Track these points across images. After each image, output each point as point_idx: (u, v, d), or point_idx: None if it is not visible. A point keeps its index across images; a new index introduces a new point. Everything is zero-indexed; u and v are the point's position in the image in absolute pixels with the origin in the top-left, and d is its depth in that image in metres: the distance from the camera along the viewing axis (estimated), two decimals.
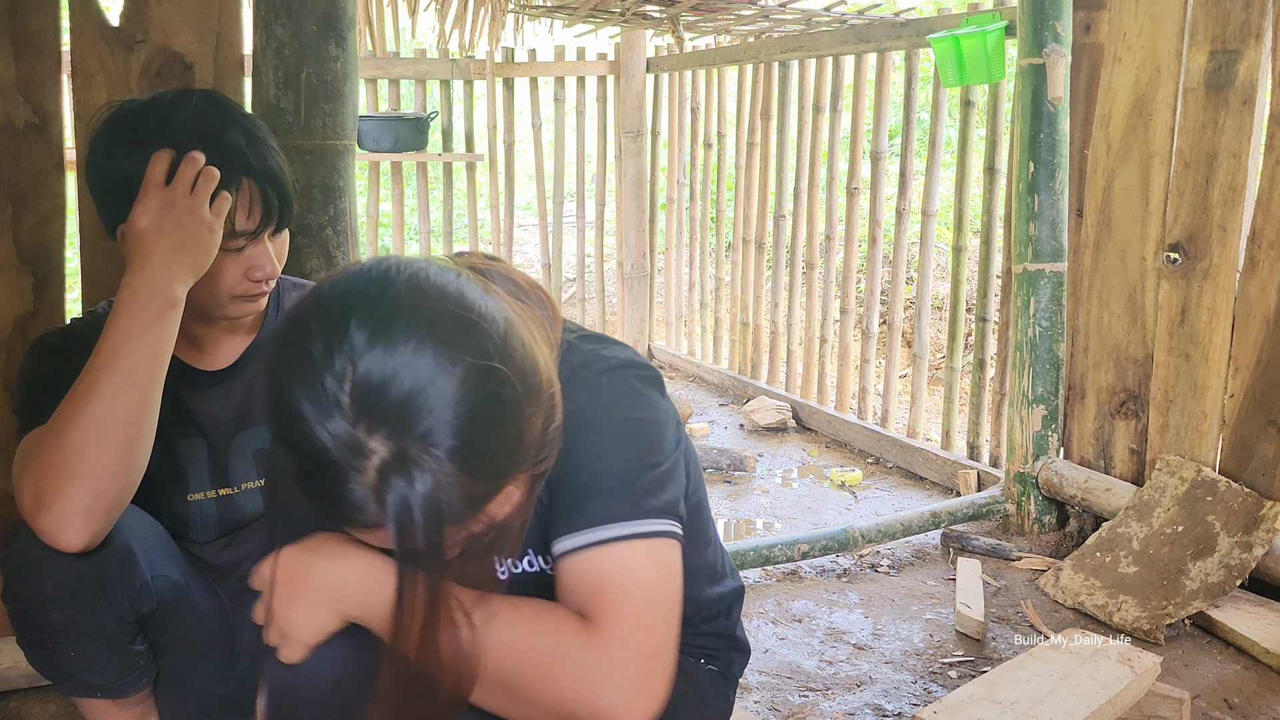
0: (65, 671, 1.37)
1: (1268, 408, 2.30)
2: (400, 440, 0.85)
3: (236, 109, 1.40)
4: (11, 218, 1.87)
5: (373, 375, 0.85)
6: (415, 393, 0.85)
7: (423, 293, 0.89)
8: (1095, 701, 1.75)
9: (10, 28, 1.83)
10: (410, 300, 0.88)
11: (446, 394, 0.86)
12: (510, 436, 0.90)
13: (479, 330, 0.89)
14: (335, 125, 2.02)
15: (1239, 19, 2.30)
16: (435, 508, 0.86)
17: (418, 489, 0.85)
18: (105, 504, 1.22)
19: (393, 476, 0.85)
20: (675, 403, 3.99)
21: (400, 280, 0.90)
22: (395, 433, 0.85)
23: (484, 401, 0.87)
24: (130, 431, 1.23)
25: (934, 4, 6.20)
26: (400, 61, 4.46)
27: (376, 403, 0.85)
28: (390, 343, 0.86)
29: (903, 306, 3.93)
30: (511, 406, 0.89)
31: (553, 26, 4.59)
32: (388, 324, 0.86)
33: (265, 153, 1.35)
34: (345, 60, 2.01)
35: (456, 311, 0.89)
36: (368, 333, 0.86)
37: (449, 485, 0.86)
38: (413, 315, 0.87)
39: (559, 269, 4.89)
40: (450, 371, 0.86)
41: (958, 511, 2.78)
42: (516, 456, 0.91)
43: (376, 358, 0.85)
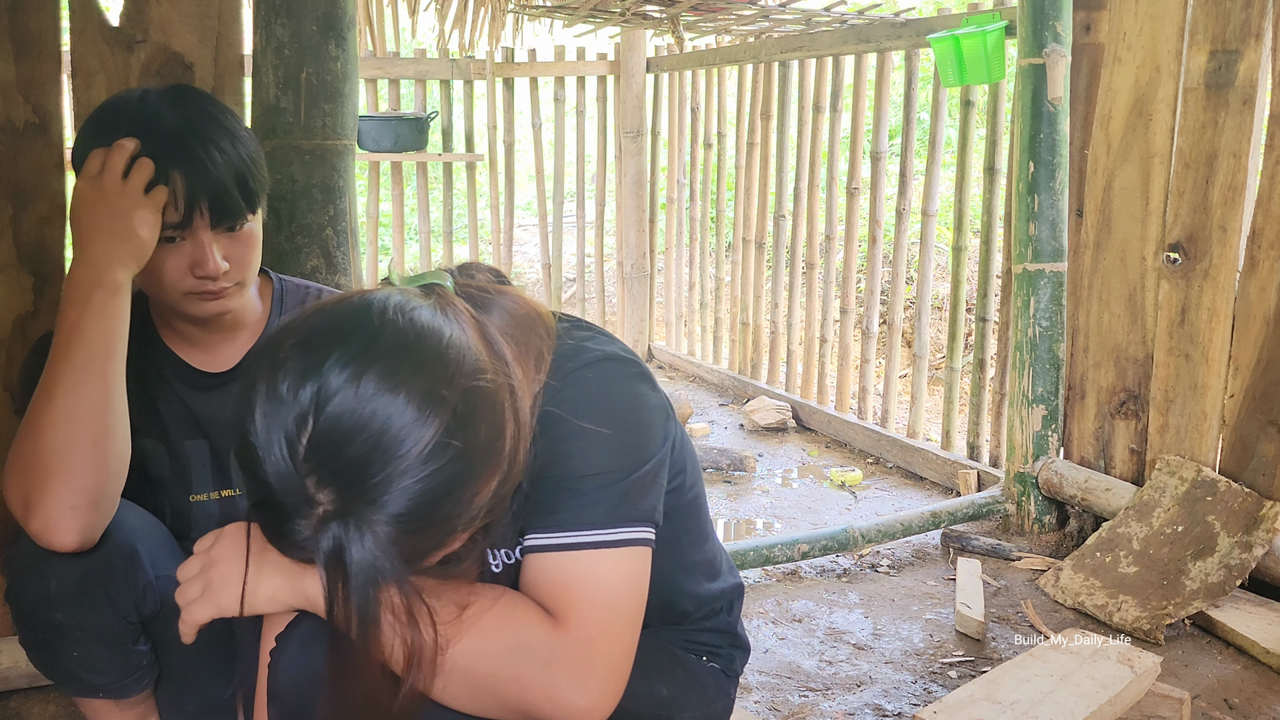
0: (68, 672, 1.37)
1: (1268, 408, 2.30)
2: (347, 499, 0.86)
3: (198, 102, 1.38)
4: (11, 217, 1.87)
5: (332, 431, 0.86)
6: (370, 458, 0.86)
7: (403, 353, 0.89)
8: (1095, 701, 1.75)
9: (10, 28, 1.83)
10: (388, 360, 0.88)
11: (402, 464, 0.86)
12: (460, 503, 0.90)
13: (446, 404, 0.88)
14: (335, 125, 2.02)
15: (1239, 19, 2.30)
16: (369, 568, 0.87)
17: (353, 551, 0.86)
18: (89, 497, 1.22)
19: (333, 531, 0.86)
20: (675, 403, 3.99)
21: (386, 333, 0.90)
22: (343, 491, 0.86)
23: (437, 474, 0.87)
24: (99, 421, 1.23)
25: (934, 4, 6.20)
26: (400, 61, 4.46)
27: (330, 459, 0.86)
28: (357, 402, 0.86)
29: (903, 306, 3.93)
30: (465, 478, 0.90)
31: (553, 26, 4.59)
32: (359, 380, 0.87)
33: (209, 146, 1.32)
34: (345, 60, 2.01)
35: (429, 383, 0.88)
36: (337, 386, 0.86)
37: (388, 548, 0.87)
38: (386, 378, 0.87)
39: (559, 269, 4.89)
40: (409, 443, 0.86)
41: (958, 511, 2.78)
42: (464, 519, 0.91)
43: (340, 414, 0.86)
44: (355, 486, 0.86)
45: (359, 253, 2.10)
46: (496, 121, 4.63)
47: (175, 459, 1.47)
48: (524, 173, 6.02)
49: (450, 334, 0.93)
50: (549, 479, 1.02)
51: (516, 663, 0.97)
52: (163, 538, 1.40)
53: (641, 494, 1.04)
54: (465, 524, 0.92)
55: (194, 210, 1.32)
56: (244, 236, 1.38)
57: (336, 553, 0.86)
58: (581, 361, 1.07)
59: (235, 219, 1.36)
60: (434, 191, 5.98)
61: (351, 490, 0.86)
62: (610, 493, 1.02)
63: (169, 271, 1.35)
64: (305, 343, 0.89)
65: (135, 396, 1.45)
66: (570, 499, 1.01)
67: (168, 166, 1.31)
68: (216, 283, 1.36)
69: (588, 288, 5.03)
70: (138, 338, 1.48)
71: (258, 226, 1.42)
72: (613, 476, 1.02)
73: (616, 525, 1.02)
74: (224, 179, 1.33)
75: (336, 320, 0.91)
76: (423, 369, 0.89)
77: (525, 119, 4.71)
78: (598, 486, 1.01)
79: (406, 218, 4.76)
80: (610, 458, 1.03)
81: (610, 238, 5.15)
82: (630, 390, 1.07)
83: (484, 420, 0.91)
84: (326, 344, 0.88)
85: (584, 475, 1.02)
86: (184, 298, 1.37)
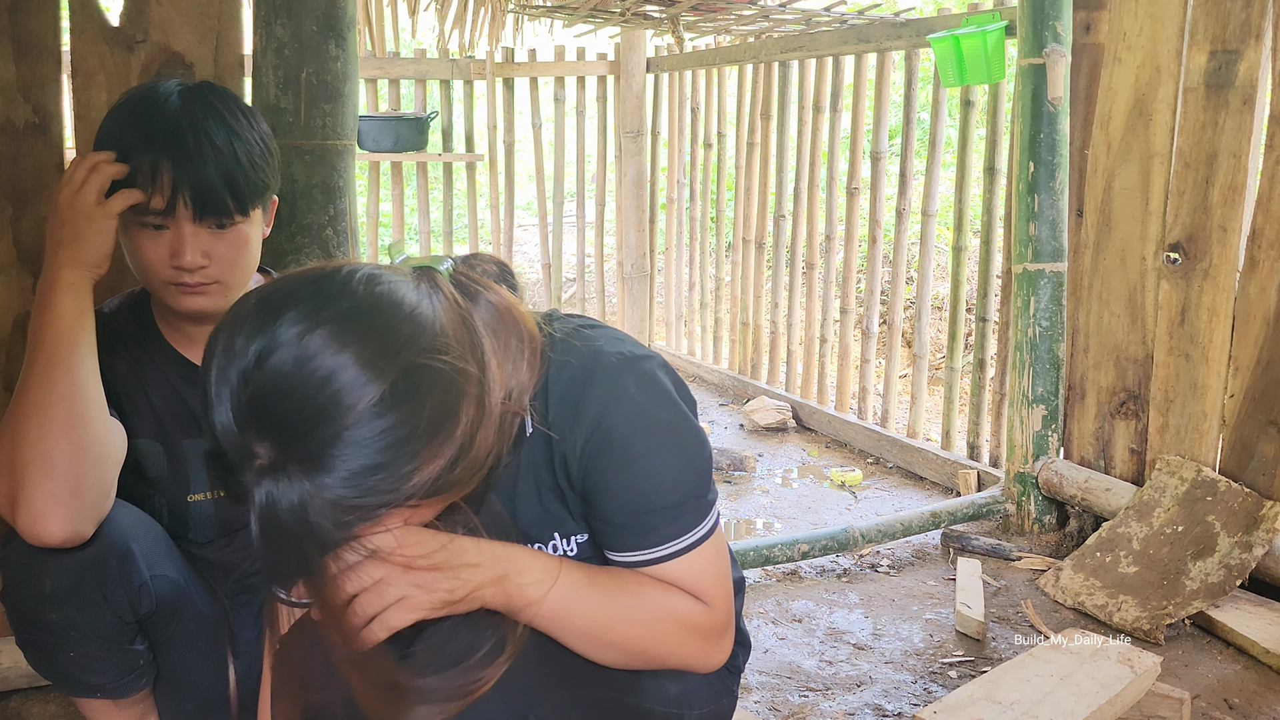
0: (65, 672, 1.37)
1: (1268, 408, 2.30)
2: (281, 454, 0.88)
3: (209, 97, 1.39)
4: (11, 218, 1.87)
5: (271, 385, 0.87)
6: (306, 415, 0.87)
7: (356, 318, 0.90)
8: (1095, 701, 1.75)
9: (10, 28, 1.83)
10: (339, 323, 0.89)
11: (337, 427, 0.87)
12: (395, 477, 0.90)
13: (387, 374, 0.89)
14: (335, 125, 2.02)
15: (1239, 19, 2.30)
16: (300, 521, 0.88)
17: (282, 501, 0.87)
18: (68, 485, 1.23)
19: (266, 485, 0.88)
20: None
21: (343, 298, 0.91)
22: (278, 446, 0.88)
23: (372, 443, 0.88)
24: (67, 409, 1.25)
25: (934, 4, 6.20)
26: (400, 61, 4.46)
27: (267, 413, 0.87)
28: (299, 359, 0.87)
29: (903, 306, 3.93)
30: (402, 453, 0.90)
31: (553, 26, 4.59)
32: (305, 338, 0.88)
33: (203, 139, 1.33)
34: (345, 60, 2.01)
35: (375, 350, 0.90)
36: (283, 341, 0.88)
37: (319, 508, 0.88)
38: (332, 340, 0.89)
39: (559, 269, 4.89)
40: (345, 406, 0.87)
41: (958, 511, 2.78)
42: (399, 494, 0.91)
43: (281, 369, 0.87)
44: (290, 442, 0.87)
45: (359, 253, 2.10)
46: (496, 121, 4.63)
47: (173, 458, 1.47)
48: (524, 173, 6.02)
49: (415, 310, 0.94)
50: (627, 499, 1.09)
51: (674, 633, 1.12)
52: (158, 537, 1.40)
53: (709, 483, 1.15)
54: (400, 501, 0.92)
55: (177, 199, 1.33)
56: (232, 236, 1.38)
57: (269, 506, 0.88)
58: (611, 364, 1.09)
59: (220, 215, 1.36)
60: (434, 191, 5.98)
61: (286, 446, 0.87)
62: (694, 499, 1.12)
63: (150, 259, 1.36)
64: (265, 300, 0.92)
65: (134, 394, 1.45)
66: (669, 518, 1.10)
67: (159, 154, 1.32)
68: (193, 276, 1.36)
69: (588, 288, 5.03)
70: (139, 336, 1.48)
71: (251, 230, 1.40)
72: (690, 485, 1.11)
73: (704, 518, 1.13)
74: (211, 174, 1.33)
75: (300, 283, 0.93)
76: (372, 336, 0.90)
77: (525, 119, 4.71)
78: (681, 499, 1.10)
79: (406, 218, 4.76)
80: (682, 468, 1.11)
81: (610, 238, 5.15)
82: (666, 384, 1.12)
83: (431, 398, 0.91)
84: (284, 303, 0.91)
85: (665, 490, 1.09)
86: (164, 287, 1.38)
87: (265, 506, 0.88)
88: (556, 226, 4.84)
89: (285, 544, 0.89)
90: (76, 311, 1.30)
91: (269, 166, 1.41)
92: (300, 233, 2.01)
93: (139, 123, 1.34)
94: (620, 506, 1.10)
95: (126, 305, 1.51)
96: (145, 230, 1.35)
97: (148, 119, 1.34)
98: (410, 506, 0.94)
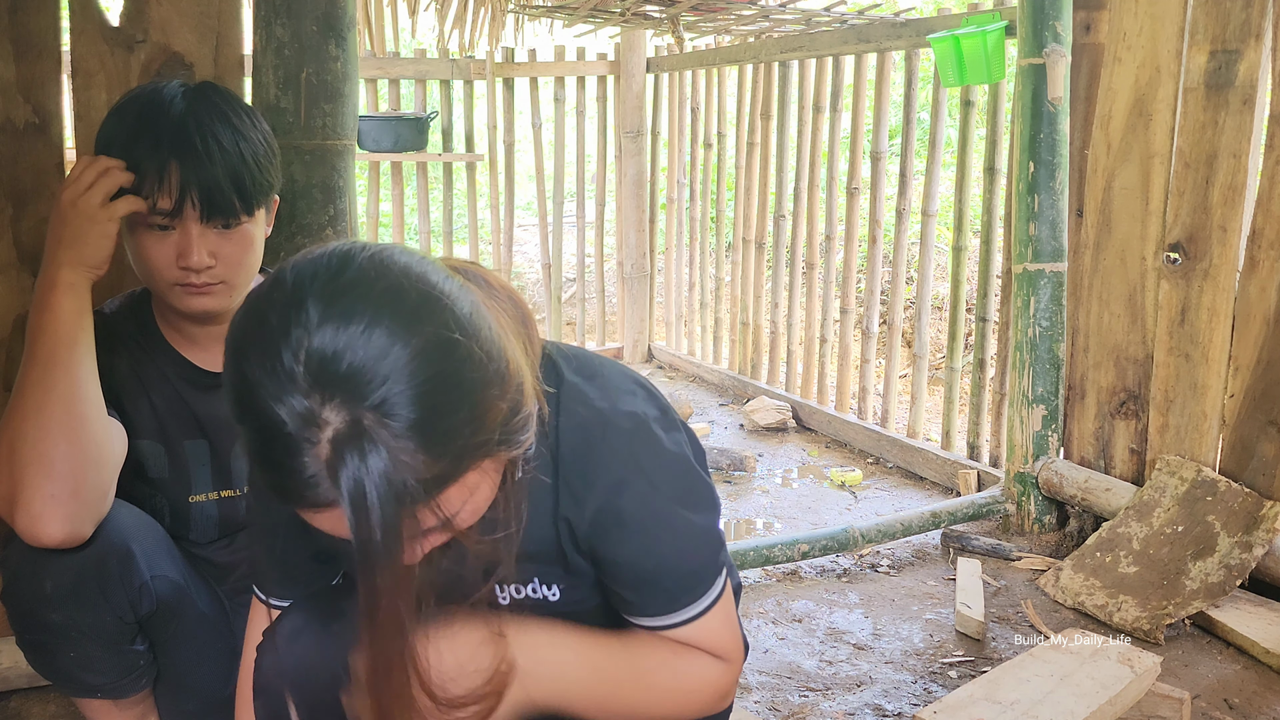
0: (65, 672, 1.37)
1: (1268, 407, 2.30)
2: (354, 410, 0.82)
3: (214, 97, 1.39)
4: (11, 218, 1.87)
5: (327, 345, 0.83)
6: (370, 362, 0.83)
7: (384, 268, 0.88)
8: (1095, 701, 1.75)
9: (10, 28, 1.83)
10: (371, 274, 0.87)
11: (403, 365, 0.83)
12: (471, 415, 0.87)
13: (440, 306, 0.87)
14: (335, 125, 2.02)
15: (1239, 19, 2.30)
16: (390, 484, 0.83)
17: (371, 463, 0.82)
18: (67, 486, 1.23)
19: (346, 449, 0.82)
20: (675, 403, 3.99)
21: (361, 257, 0.89)
22: (349, 402, 0.82)
23: (443, 375, 0.85)
24: (66, 410, 1.25)
25: (934, 4, 6.20)
26: (400, 61, 4.46)
27: (331, 372, 0.83)
28: (347, 314, 0.84)
29: (903, 306, 3.93)
30: (472, 384, 0.87)
31: (553, 26, 4.59)
32: (345, 296, 0.85)
33: (209, 139, 1.34)
34: (345, 60, 2.01)
35: (419, 287, 0.88)
36: (324, 305, 0.84)
37: (405, 461, 0.83)
38: (371, 289, 0.86)
39: (559, 269, 4.89)
40: (408, 342, 0.84)
41: (958, 511, 2.78)
42: (477, 437, 0.88)
43: (332, 328, 0.83)
44: (360, 394, 0.82)
45: None
46: (496, 121, 4.63)
47: (175, 459, 1.47)
48: (524, 173, 6.01)
49: (429, 260, 0.93)
50: (648, 573, 1.10)
51: (696, 696, 1.15)
52: (159, 537, 1.40)
53: (721, 548, 1.15)
54: (477, 447, 0.89)
55: (185, 200, 1.33)
56: (237, 236, 1.38)
57: (355, 475, 0.82)
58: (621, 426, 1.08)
59: (226, 216, 1.36)
60: (434, 191, 5.98)
61: (357, 398, 0.82)
62: (708, 566, 1.13)
63: (156, 260, 1.36)
64: (283, 281, 0.88)
65: (135, 395, 1.45)
66: (686, 586, 1.11)
67: (166, 155, 1.32)
68: (200, 276, 1.36)
69: (588, 288, 5.03)
70: (140, 337, 1.48)
71: (256, 229, 1.41)
72: (705, 553, 1.12)
73: (718, 578, 1.14)
74: (219, 174, 1.33)
75: (311, 258, 0.90)
76: (409, 279, 0.88)
77: (525, 119, 4.70)
78: (697, 567, 1.11)
79: (406, 218, 4.76)
80: (696, 542, 1.11)
81: (610, 238, 5.15)
82: (676, 450, 1.11)
83: (481, 330, 0.89)
84: (306, 275, 0.87)
85: (684, 564, 1.10)
86: (170, 289, 1.38)
87: (354, 478, 0.82)
88: (556, 226, 4.84)
89: (377, 519, 0.83)
90: (76, 311, 1.30)
91: (272, 166, 1.42)
92: (300, 233, 2.01)
93: (145, 124, 1.34)
94: (636, 579, 1.10)
95: (127, 306, 1.51)
96: (151, 231, 1.35)
97: (154, 120, 1.34)
98: (485, 457, 0.91)
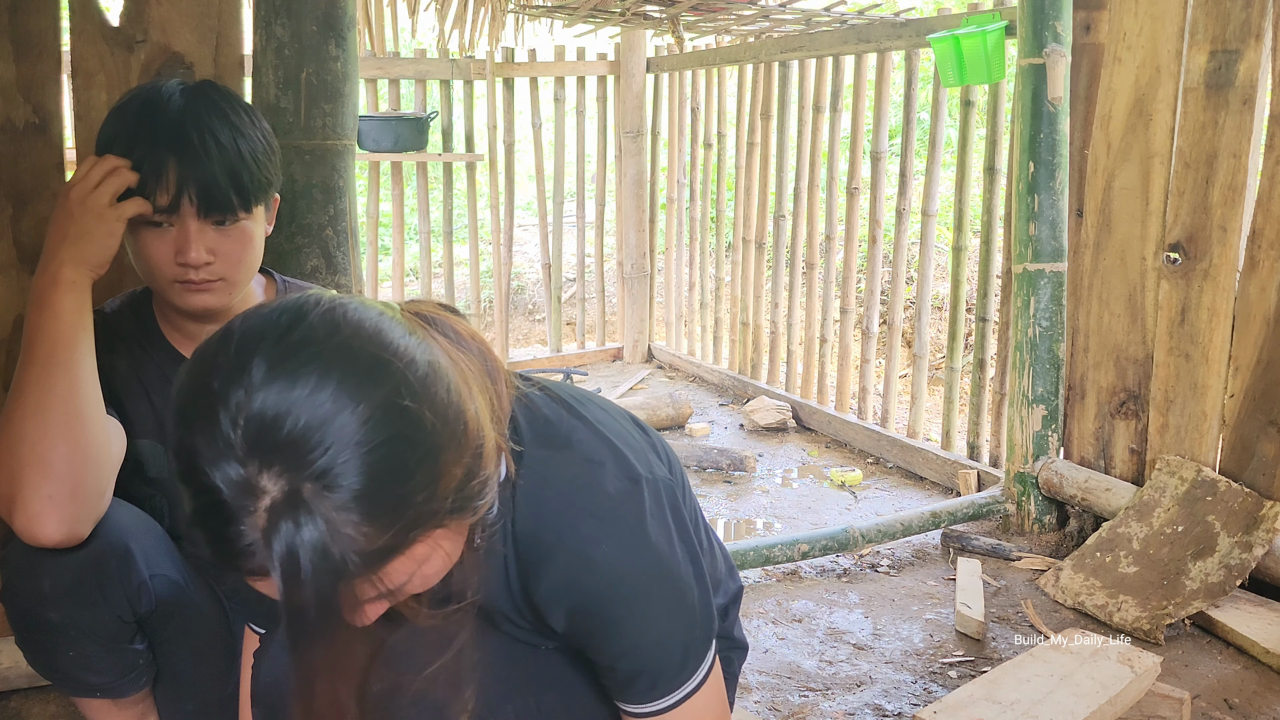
0: (64, 671, 1.37)
1: (1268, 407, 2.30)
2: (294, 479, 0.79)
3: (212, 95, 1.39)
4: (11, 218, 1.87)
5: (269, 409, 0.79)
6: (313, 429, 0.79)
7: (336, 327, 0.84)
8: (1095, 701, 1.75)
9: (10, 28, 1.83)
10: (321, 334, 0.83)
11: (349, 432, 0.80)
12: (420, 484, 0.83)
13: (393, 369, 0.83)
14: (335, 125, 2.02)
15: (1239, 19, 2.30)
16: (326, 557, 0.79)
17: (306, 535, 0.78)
18: (66, 488, 1.23)
19: (282, 519, 0.79)
20: (675, 403, 3.98)
21: (314, 314, 0.85)
22: (289, 471, 0.79)
23: (391, 444, 0.81)
24: (68, 411, 1.24)
25: (934, 4, 6.20)
26: (400, 61, 4.46)
27: (270, 439, 0.79)
28: (292, 376, 0.80)
29: (903, 306, 3.93)
30: (423, 453, 0.84)
31: (553, 26, 4.59)
32: (291, 358, 0.81)
33: (206, 136, 1.34)
34: (345, 60, 2.01)
35: (370, 349, 0.84)
36: (268, 366, 0.81)
37: (347, 534, 0.80)
38: (321, 349, 0.82)
39: (559, 269, 4.89)
40: (355, 408, 0.80)
41: (958, 511, 2.77)
42: (426, 506, 0.84)
43: (275, 392, 0.80)
44: (299, 462, 0.79)
45: (359, 253, 2.10)
46: (496, 121, 4.63)
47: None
48: (524, 173, 6.01)
49: (386, 315, 0.89)
50: (632, 661, 1.05)
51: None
52: (158, 536, 1.40)
53: (709, 629, 1.09)
54: (427, 518, 0.85)
55: (182, 197, 1.33)
56: (235, 233, 1.38)
57: (289, 546, 0.78)
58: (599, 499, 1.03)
59: (224, 212, 1.36)
60: (434, 191, 5.98)
61: (296, 467, 0.79)
62: (692, 642, 1.07)
63: (155, 257, 1.36)
64: (230, 339, 0.85)
65: (135, 395, 1.45)
66: (673, 670, 1.06)
67: (164, 152, 1.32)
68: (198, 273, 1.36)
69: (588, 288, 5.03)
70: (140, 336, 1.48)
71: (254, 226, 1.41)
72: (688, 634, 1.07)
73: (706, 656, 1.09)
74: (216, 170, 1.34)
75: (261, 314, 0.86)
76: (360, 340, 0.84)
77: (525, 119, 4.70)
78: (683, 648, 1.06)
79: (406, 218, 4.76)
80: (677, 624, 1.06)
81: (610, 238, 5.15)
82: (656, 519, 1.05)
83: (437, 393, 0.86)
84: (254, 334, 0.84)
85: (668, 646, 1.06)
86: (170, 286, 1.38)
87: (287, 549, 0.79)
88: (556, 226, 4.84)
89: (310, 593, 0.79)
90: (77, 310, 1.29)
91: (271, 164, 1.42)
92: (300, 233, 2.01)
93: (143, 121, 1.35)
94: (619, 663, 1.06)
95: (128, 305, 1.51)
96: (150, 229, 1.35)
97: (152, 117, 1.34)
98: (434, 527, 0.87)
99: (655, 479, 1.08)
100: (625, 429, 1.13)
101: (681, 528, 1.09)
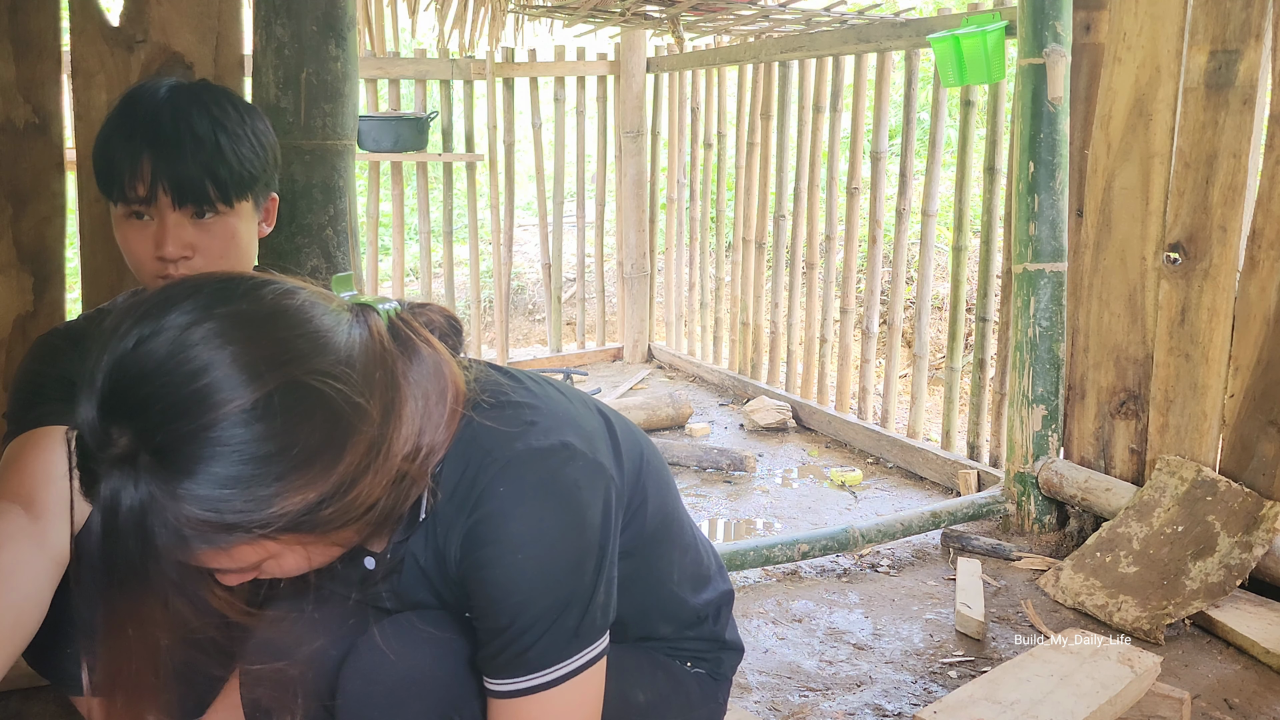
0: (63, 670, 1.37)
1: (1268, 407, 2.30)
2: (134, 444, 0.81)
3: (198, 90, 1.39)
4: (11, 218, 1.87)
5: (137, 367, 0.81)
6: (167, 406, 0.80)
7: (258, 320, 0.85)
8: (1095, 701, 1.75)
9: (10, 28, 1.83)
10: (237, 320, 0.84)
11: (196, 425, 0.80)
12: (253, 500, 0.83)
13: (267, 384, 0.83)
14: (335, 125, 2.02)
15: (1239, 19, 2.30)
16: (139, 524, 0.81)
17: (126, 499, 0.81)
18: None
19: (114, 472, 0.81)
20: (675, 403, 3.98)
21: (242, 300, 0.86)
22: (133, 432, 0.81)
23: (232, 455, 0.81)
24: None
25: (934, 4, 6.20)
26: (400, 61, 4.46)
27: (126, 395, 0.81)
28: (174, 348, 0.81)
29: (903, 306, 3.93)
30: (265, 473, 0.83)
31: (553, 26, 4.59)
32: (194, 328, 0.82)
33: (183, 128, 1.33)
34: (345, 60, 2.01)
35: (258, 356, 0.83)
36: (166, 328, 0.82)
37: (164, 514, 0.81)
38: (224, 334, 0.83)
39: (559, 269, 4.89)
40: (217, 404, 0.81)
41: (958, 511, 2.78)
42: (254, 521, 0.84)
43: (157, 354, 0.81)
44: (147, 431, 0.80)
45: (359, 253, 2.10)
46: (496, 121, 4.63)
47: None
48: (524, 173, 6.01)
49: (322, 332, 0.88)
50: (500, 615, 0.99)
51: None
52: None
53: (596, 609, 1.03)
54: (254, 526, 0.84)
55: (156, 187, 1.32)
56: (217, 228, 1.37)
57: (111, 499, 0.81)
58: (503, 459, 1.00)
59: (200, 203, 1.34)
60: (434, 191, 5.98)
61: (142, 435, 0.80)
62: (568, 622, 1.01)
63: (137, 251, 1.36)
64: (164, 291, 0.86)
65: None
66: (525, 640, 1.00)
67: (139, 143, 1.32)
68: (177, 268, 1.35)
69: (588, 288, 5.03)
70: None
71: (239, 223, 1.39)
72: (565, 614, 1.01)
73: (574, 654, 1.02)
74: (190, 161, 1.32)
75: (207, 280, 0.88)
76: (262, 341, 0.84)
77: (525, 119, 4.70)
78: (555, 620, 1.00)
79: (406, 218, 4.76)
80: (565, 584, 1.00)
81: (610, 238, 5.15)
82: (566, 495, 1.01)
83: (311, 423, 0.84)
84: (181, 295, 0.85)
85: (537, 614, 0.99)
86: (153, 280, 1.37)
87: (108, 499, 0.81)
88: (556, 226, 4.84)
89: (119, 546, 0.81)
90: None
91: (259, 159, 1.39)
92: (300, 233, 2.01)
93: (124, 114, 1.35)
94: (485, 616, 1.01)
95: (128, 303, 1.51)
96: (132, 221, 1.35)
97: (132, 110, 1.35)
98: (262, 538, 0.86)
99: (595, 462, 1.05)
100: (579, 412, 1.11)
101: (607, 518, 1.04)
